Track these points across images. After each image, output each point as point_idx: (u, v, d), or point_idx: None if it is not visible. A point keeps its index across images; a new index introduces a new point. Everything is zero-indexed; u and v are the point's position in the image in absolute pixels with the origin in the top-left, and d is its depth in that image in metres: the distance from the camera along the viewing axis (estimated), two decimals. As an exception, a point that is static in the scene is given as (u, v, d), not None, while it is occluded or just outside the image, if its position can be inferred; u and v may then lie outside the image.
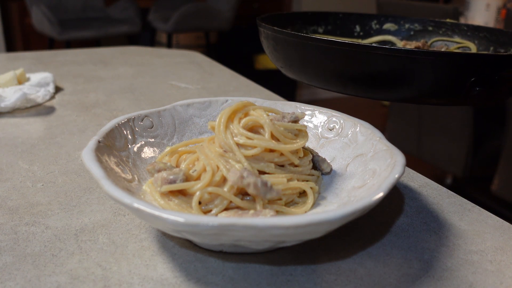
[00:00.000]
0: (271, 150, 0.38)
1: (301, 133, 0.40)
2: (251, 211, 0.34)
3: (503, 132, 1.55)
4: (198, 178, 0.37)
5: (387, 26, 0.78)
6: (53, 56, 1.06)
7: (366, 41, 0.76)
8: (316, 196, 0.40)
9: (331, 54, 0.50)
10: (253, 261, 0.35)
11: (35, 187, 0.45)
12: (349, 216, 0.29)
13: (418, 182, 0.49)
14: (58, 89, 0.79)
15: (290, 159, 0.39)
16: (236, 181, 0.34)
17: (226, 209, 0.36)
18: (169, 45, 2.99)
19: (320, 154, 0.45)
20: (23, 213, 0.40)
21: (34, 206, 0.42)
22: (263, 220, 0.28)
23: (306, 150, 0.42)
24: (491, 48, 0.70)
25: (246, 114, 0.39)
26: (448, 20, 0.76)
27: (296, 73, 0.56)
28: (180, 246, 0.36)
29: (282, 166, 0.39)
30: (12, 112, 0.67)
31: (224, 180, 0.36)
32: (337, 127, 0.46)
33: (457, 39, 0.75)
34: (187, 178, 0.36)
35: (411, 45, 0.71)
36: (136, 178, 0.39)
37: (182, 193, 0.36)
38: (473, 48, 0.72)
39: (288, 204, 0.38)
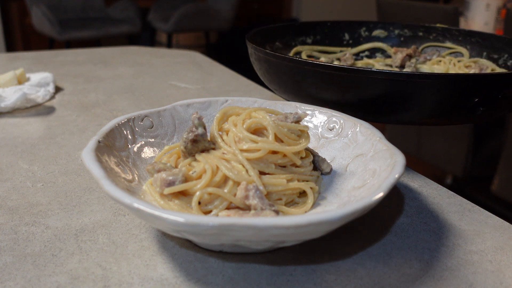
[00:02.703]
0: (274, 152, 0.38)
1: (303, 133, 0.40)
2: (252, 211, 0.34)
3: (503, 132, 1.55)
4: (198, 178, 0.37)
5: (377, 32, 0.77)
6: (53, 56, 1.06)
7: (356, 49, 0.76)
8: (316, 196, 0.40)
9: (328, 79, 0.48)
10: (253, 261, 0.35)
11: (35, 187, 0.45)
12: (349, 216, 0.29)
13: (418, 182, 0.49)
14: (58, 89, 0.79)
15: (292, 160, 0.39)
16: (242, 198, 0.35)
17: (227, 208, 0.36)
18: (169, 45, 2.99)
19: (320, 154, 0.45)
20: (23, 213, 0.40)
21: (34, 206, 0.42)
22: (263, 220, 0.28)
23: (307, 151, 0.42)
24: (484, 53, 0.69)
25: (249, 116, 0.40)
26: (438, 25, 0.75)
27: (291, 96, 0.54)
28: (180, 246, 0.36)
29: (284, 166, 0.39)
30: (12, 112, 0.67)
31: (224, 180, 0.36)
32: (337, 127, 0.46)
33: (448, 44, 0.74)
34: (186, 179, 0.36)
35: (403, 52, 0.70)
36: (136, 178, 0.39)
37: (182, 193, 0.36)
38: (465, 53, 0.71)
39: (288, 204, 0.38)
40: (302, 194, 0.40)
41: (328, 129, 0.46)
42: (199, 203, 0.35)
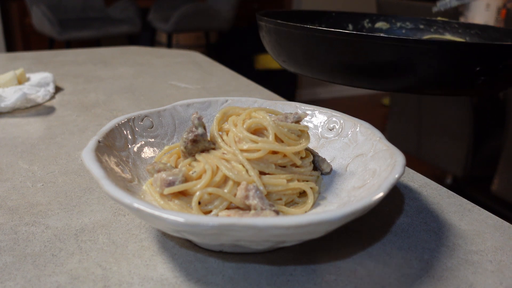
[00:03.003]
0: (275, 152, 0.38)
1: (303, 133, 0.40)
2: (252, 211, 0.34)
3: (503, 132, 1.55)
4: (198, 178, 0.37)
5: (379, 24, 0.79)
6: (53, 56, 1.06)
7: None
8: (316, 196, 0.40)
9: (338, 45, 0.50)
10: (253, 261, 0.35)
11: (35, 187, 0.45)
12: (349, 216, 0.29)
13: (418, 182, 0.49)
14: (58, 89, 0.79)
15: (292, 160, 0.39)
16: (242, 198, 0.35)
17: (227, 208, 0.36)
18: (169, 45, 2.99)
19: (320, 154, 0.45)
20: (23, 213, 0.40)
21: (34, 206, 0.42)
22: (263, 220, 0.28)
23: (307, 151, 0.42)
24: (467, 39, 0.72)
25: (250, 116, 0.40)
26: (439, 18, 0.76)
27: (299, 67, 0.55)
28: (180, 246, 0.36)
29: (284, 167, 0.39)
30: (12, 112, 0.67)
31: (224, 180, 0.36)
32: (337, 127, 0.46)
33: (448, 36, 0.75)
34: (186, 179, 0.36)
35: None
36: (136, 178, 0.39)
37: (182, 193, 0.36)
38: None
39: (288, 204, 0.39)
40: (302, 194, 0.40)
41: (328, 129, 0.46)
42: (199, 203, 0.35)
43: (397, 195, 0.45)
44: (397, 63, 0.48)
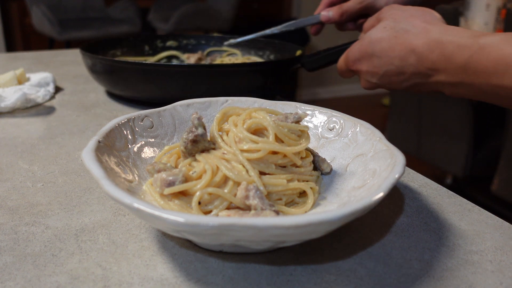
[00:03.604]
0: (275, 152, 0.38)
1: (303, 133, 0.40)
2: (252, 211, 0.34)
3: (503, 132, 1.55)
4: (198, 178, 0.37)
5: (170, 43, 0.95)
6: (53, 56, 1.06)
7: (156, 58, 0.91)
8: (316, 196, 0.40)
9: (146, 74, 0.65)
10: (253, 261, 0.35)
11: (35, 187, 0.45)
12: (349, 216, 0.29)
13: (418, 182, 0.49)
14: (58, 89, 0.79)
15: (292, 160, 0.39)
16: (242, 198, 0.35)
17: (227, 208, 0.36)
18: (169, 45, 2.99)
19: (320, 154, 0.45)
20: (23, 213, 0.40)
21: (34, 206, 0.42)
22: (263, 220, 0.28)
23: (307, 151, 0.42)
24: (252, 52, 0.92)
25: (250, 116, 0.40)
26: (215, 34, 0.96)
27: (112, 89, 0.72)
28: (180, 246, 0.36)
29: (284, 167, 0.39)
30: (12, 112, 0.67)
31: (224, 180, 0.36)
32: (337, 127, 0.46)
33: (225, 48, 0.94)
34: (186, 179, 0.36)
35: (194, 56, 0.88)
36: (136, 178, 0.39)
37: (182, 194, 0.36)
38: (238, 53, 0.92)
39: (288, 204, 0.39)
40: (302, 194, 0.40)
41: (328, 129, 0.46)
42: (199, 203, 0.35)
43: (397, 195, 0.45)
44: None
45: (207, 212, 0.35)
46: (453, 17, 1.49)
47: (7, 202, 0.42)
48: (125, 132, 0.43)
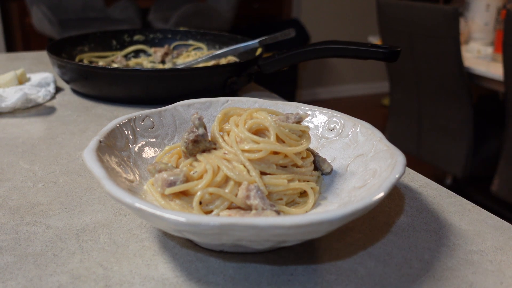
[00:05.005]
0: (276, 152, 0.38)
1: (304, 133, 0.40)
2: (253, 211, 0.34)
3: (503, 132, 1.55)
4: (199, 178, 0.37)
5: (137, 37, 0.96)
6: (54, 56, 1.06)
7: (124, 52, 0.93)
8: (317, 196, 0.40)
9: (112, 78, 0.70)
10: (254, 261, 0.35)
11: (36, 187, 0.45)
12: (350, 216, 0.30)
13: (418, 182, 0.49)
14: (58, 89, 0.79)
15: (293, 160, 0.39)
16: (243, 198, 0.35)
17: (228, 208, 0.36)
18: (169, 45, 2.99)
19: (320, 154, 0.45)
20: (24, 213, 0.41)
21: (35, 206, 0.42)
22: (264, 220, 0.28)
23: (308, 151, 0.42)
24: (217, 46, 0.94)
25: (251, 117, 0.40)
26: (181, 28, 0.96)
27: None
28: (181, 246, 0.36)
29: (285, 167, 0.39)
30: (13, 112, 0.67)
31: (225, 180, 0.36)
32: (337, 127, 0.46)
33: (191, 42, 0.96)
34: (187, 179, 0.36)
35: (161, 51, 0.89)
36: (137, 178, 0.39)
37: (183, 193, 0.36)
38: (204, 47, 0.95)
39: (289, 204, 0.39)
40: (303, 194, 0.40)
41: (328, 129, 0.47)
42: (200, 203, 0.35)
43: (397, 195, 0.45)
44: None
45: (208, 212, 0.36)
46: (453, 18, 1.49)
47: (8, 202, 0.42)
48: (126, 132, 0.43)
